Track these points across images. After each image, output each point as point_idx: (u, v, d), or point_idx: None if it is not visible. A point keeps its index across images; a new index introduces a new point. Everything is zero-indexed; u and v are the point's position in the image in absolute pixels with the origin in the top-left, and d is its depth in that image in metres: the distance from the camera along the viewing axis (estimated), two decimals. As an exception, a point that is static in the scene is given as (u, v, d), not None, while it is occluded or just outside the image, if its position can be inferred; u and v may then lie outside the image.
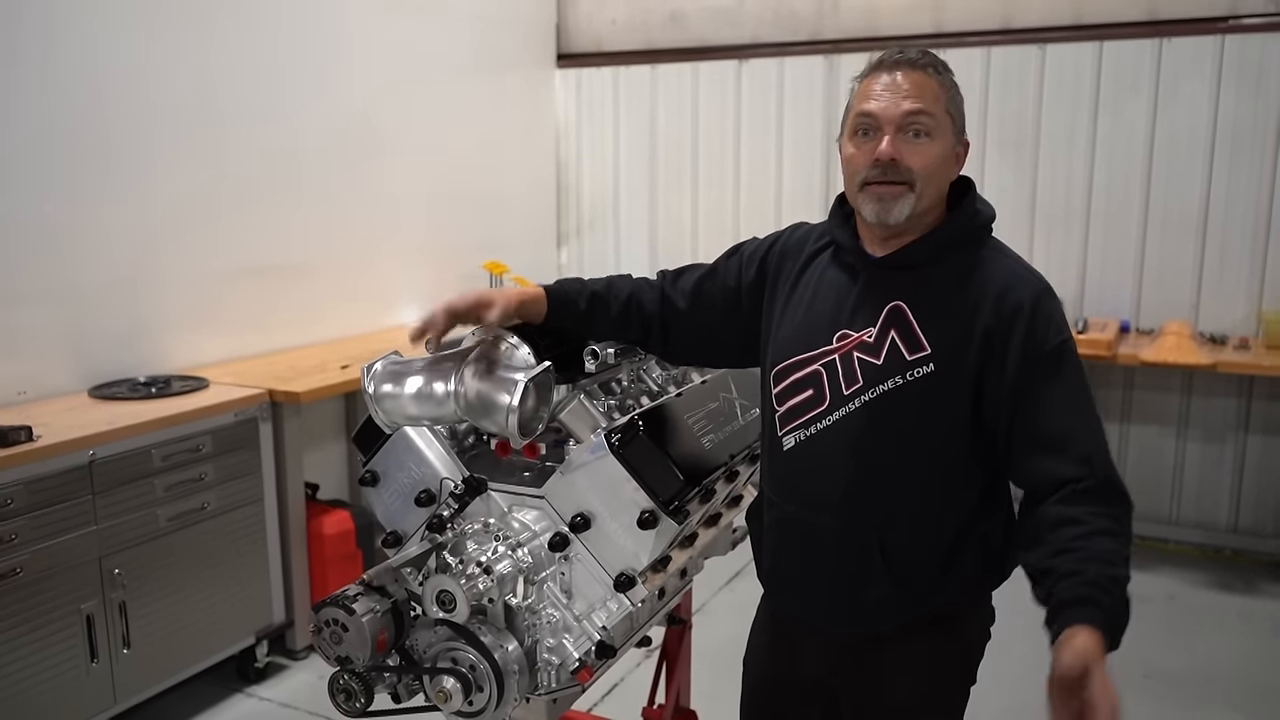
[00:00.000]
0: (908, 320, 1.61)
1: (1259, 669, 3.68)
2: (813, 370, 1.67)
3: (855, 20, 5.20)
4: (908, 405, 1.60)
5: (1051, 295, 1.63)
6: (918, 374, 1.59)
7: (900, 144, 1.57)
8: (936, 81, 1.60)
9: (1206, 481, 4.73)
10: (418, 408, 1.66)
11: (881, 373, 1.61)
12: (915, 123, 1.57)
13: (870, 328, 1.63)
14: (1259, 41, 4.38)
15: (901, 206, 1.59)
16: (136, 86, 3.58)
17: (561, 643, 1.66)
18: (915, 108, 1.57)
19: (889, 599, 1.66)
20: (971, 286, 1.60)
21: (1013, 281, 1.60)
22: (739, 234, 5.55)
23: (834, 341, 1.65)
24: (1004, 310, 1.57)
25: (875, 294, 1.64)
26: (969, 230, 1.66)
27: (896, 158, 1.57)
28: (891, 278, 1.65)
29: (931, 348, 1.59)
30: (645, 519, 1.59)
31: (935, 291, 1.62)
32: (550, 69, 5.93)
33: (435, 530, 1.70)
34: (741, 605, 4.15)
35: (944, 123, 1.60)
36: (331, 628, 1.58)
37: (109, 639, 2.97)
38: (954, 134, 1.62)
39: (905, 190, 1.58)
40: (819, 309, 1.69)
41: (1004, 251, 1.67)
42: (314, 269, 4.36)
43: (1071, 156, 4.76)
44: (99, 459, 2.91)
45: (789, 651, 1.84)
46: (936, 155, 1.59)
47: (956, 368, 1.58)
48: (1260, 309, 4.51)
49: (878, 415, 1.61)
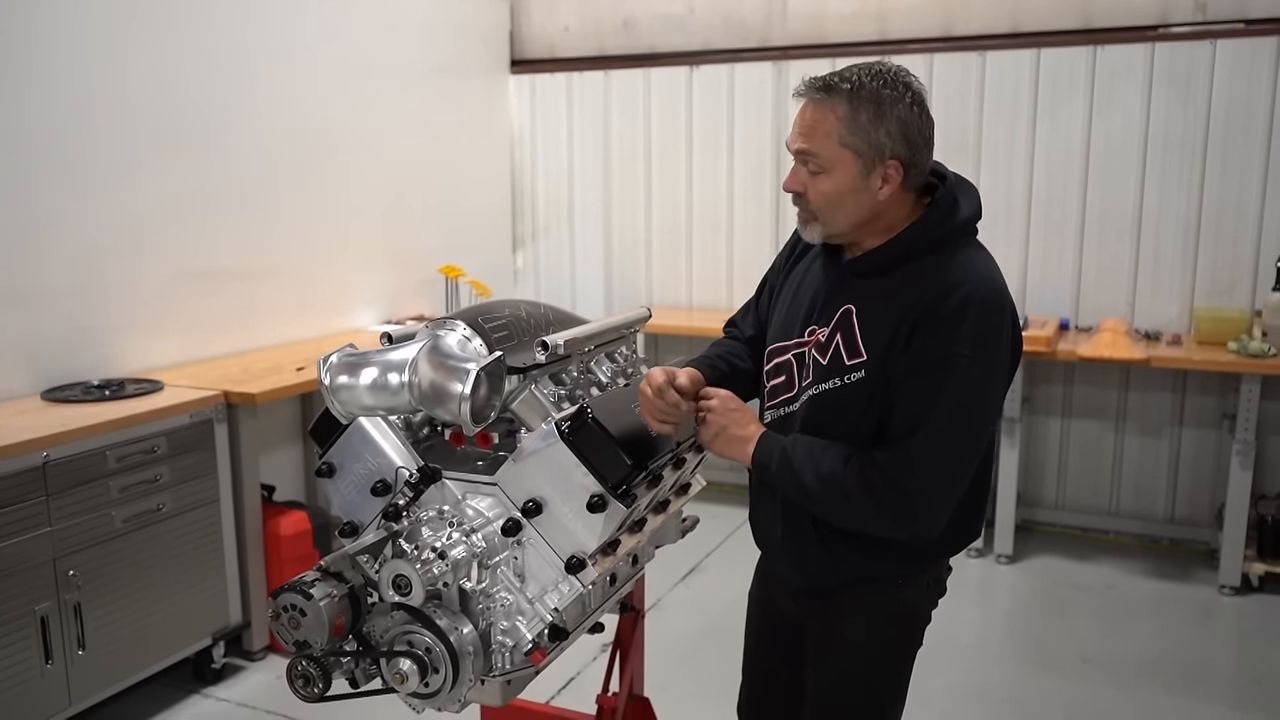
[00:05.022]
0: (852, 326, 1.70)
1: (1192, 652, 3.83)
2: (786, 359, 1.83)
3: (803, 28, 5.31)
4: (840, 405, 1.71)
5: (982, 305, 1.63)
6: (850, 379, 1.70)
7: (803, 176, 1.68)
8: (833, 114, 1.62)
9: (1144, 474, 4.89)
10: (373, 398, 1.70)
11: (825, 373, 1.73)
12: (806, 159, 1.67)
13: (825, 328, 1.75)
14: (1187, 49, 4.55)
15: (812, 231, 1.73)
16: (94, 93, 3.58)
17: (515, 625, 1.71)
18: (801, 147, 1.67)
19: (824, 561, 1.81)
20: (913, 293, 1.65)
21: (949, 288, 1.63)
22: (691, 236, 5.64)
23: (804, 335, 1.79)
24: (930, 314, 1.62)
25: (836, 296, 1.75)
26: (926, 241, 1.69)
27: (798, 190, 1.70)
28: (850, 283, 1.75)
29: (867, 354, 1.68)
30: (594, 503, 1.65)
31: (882, 299, 1.68)
32: (504, 75, 5.98)
33: (391, 519, 1.74)
34: (696, 600, 4.25)
35: (839, 156, 1.63)
36: (290, 613, 1.62)
37: (64, 640, 2.96)
38: (860, 161, 1.63)
39: (811, 218, 1.72)
40: (799, 302, 1.83)
41: (965, 257, 1.70)
42: (269, 273, 4.37)
43: (1012, 161, 4.91)
44: (53, 460, 2.91)
45: (770, 590, 2.06)
46: (832, 189, 1.66)
47: (884, 374, 1.66)
48: (1192, 306, 4.67)
49: (818, 409, 1.74)
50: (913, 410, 1.63)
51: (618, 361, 2.12)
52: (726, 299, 5.58)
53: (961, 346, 1.61)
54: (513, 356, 1.77)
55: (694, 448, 2.05)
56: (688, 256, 5.71)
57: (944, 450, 1.63)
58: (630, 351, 2.20)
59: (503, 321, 1.85)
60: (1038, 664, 3.73)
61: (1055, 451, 5.03)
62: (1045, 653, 3.82)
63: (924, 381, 1.63)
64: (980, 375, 1.63)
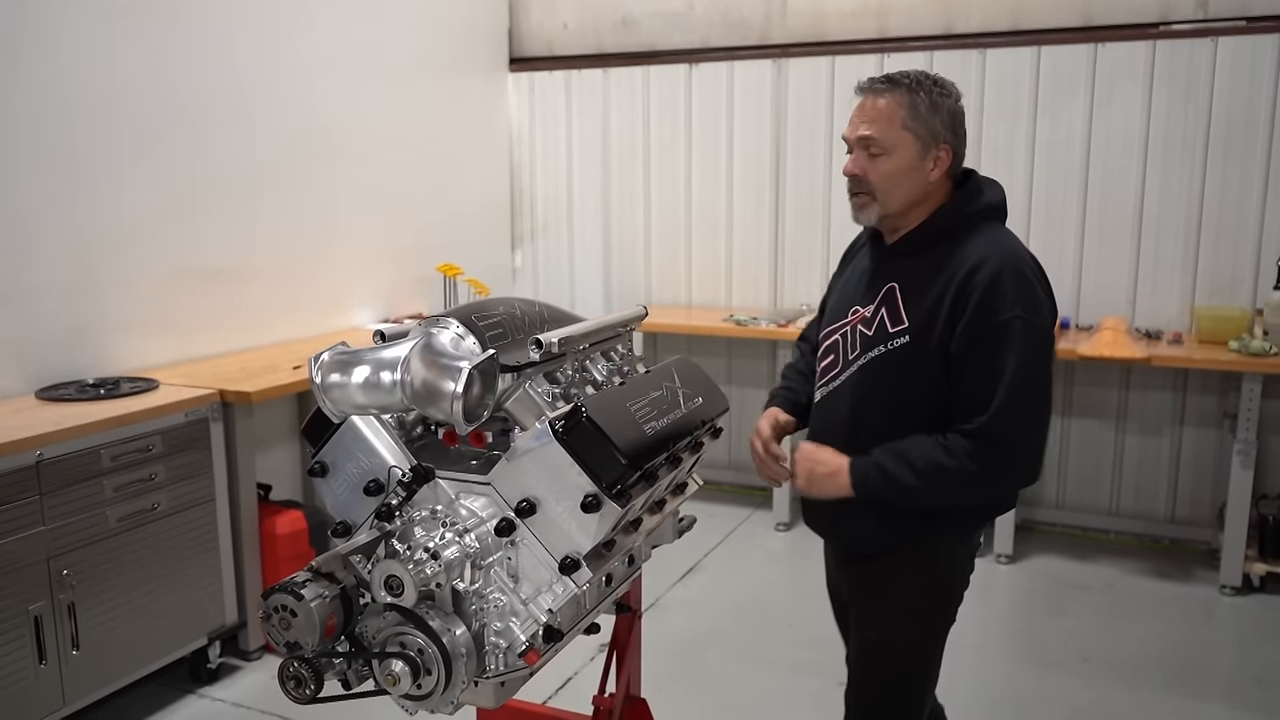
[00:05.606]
0: (896, 299, 1.93)
1: (1192, 652, 3.81)
2: (835, 339, 2.05)
3: (802, 25, 5.29)
4: (887, 370, 1.92)
5: (1013, 271, 1.85)
6: (895, 344, 1.91)
7: (863, 161, 1.92)
8: (896, 101, 1.88)
9: (1145, 473, 4.88)
10: (365, 396, 1.69)
11: (870, 342, 1.94)
12: (869, 143, 1.90)
13: (870, 304, 1.97)
14: (1188, 47, 4.53)
15: (869, 213, 1.95)
16: (91, 90, 3.56)
17: (509, 626, 1.69)
18: (865, 133, 1.91)
19: (872, 525, 2.00)
20: (949, 268, 1.88)
21: (980, 260, 1.85)
22: (691, 235, 5.63)
23: (849, 315, 2.02)
24: (967, 285, 1.84)
25: (879, 276, 1.99)
26: (956, 218, 1.94)
27: (858, 173, 1.92)
28: (893, 262, 1.98)
29: (909, 322, 1.90)
30: (589, 502, 1.63)
31: (921, 274, 1.91)
32: (503, 73, 5.96)
33: (384, 518, 1.72)
34: (694, 600, 4.23)
35: (900, 138, 1.89)
36: (280, 613, 1.60)
37: (57, 640, 2.95)
38: (919, 144, 1.89)
39: (868, 199, 1.93)
40: (848, 291, 2.07)
41: (990, 232, 1.93)
42: (266, 271, 4.35)
43: (1012, 159, 4.89)
44: (46, 459, 2.89)
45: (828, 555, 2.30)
46: (893, 168, 1.90)
47: (926, 339, 1.88)
48: (1193, 305, 4.66)
49: (867, 376, 1.95)
50: (987, 375, 1.83)
51: (613, 360, 2.10)
52: (725, 297, 5.57)
53: (1011, 309, 1.83)
54: (507, 355, 1.75)
55: (689, 448, 2.03)
56: (687, 255, 5.69)
57: (1027, 398, 1.84)
58: (626, 350, 2.18)
59: (497, 319, 1.83)
60: (1038, 664, 3.72)
61: (1056, 451, 5.01)
62: (1045, 652, 3.80)
63: (987, 349, 1.83)
64: (1035, 329, 1.85)
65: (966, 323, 1.84)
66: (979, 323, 1.83)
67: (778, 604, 4.25)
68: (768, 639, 3.90)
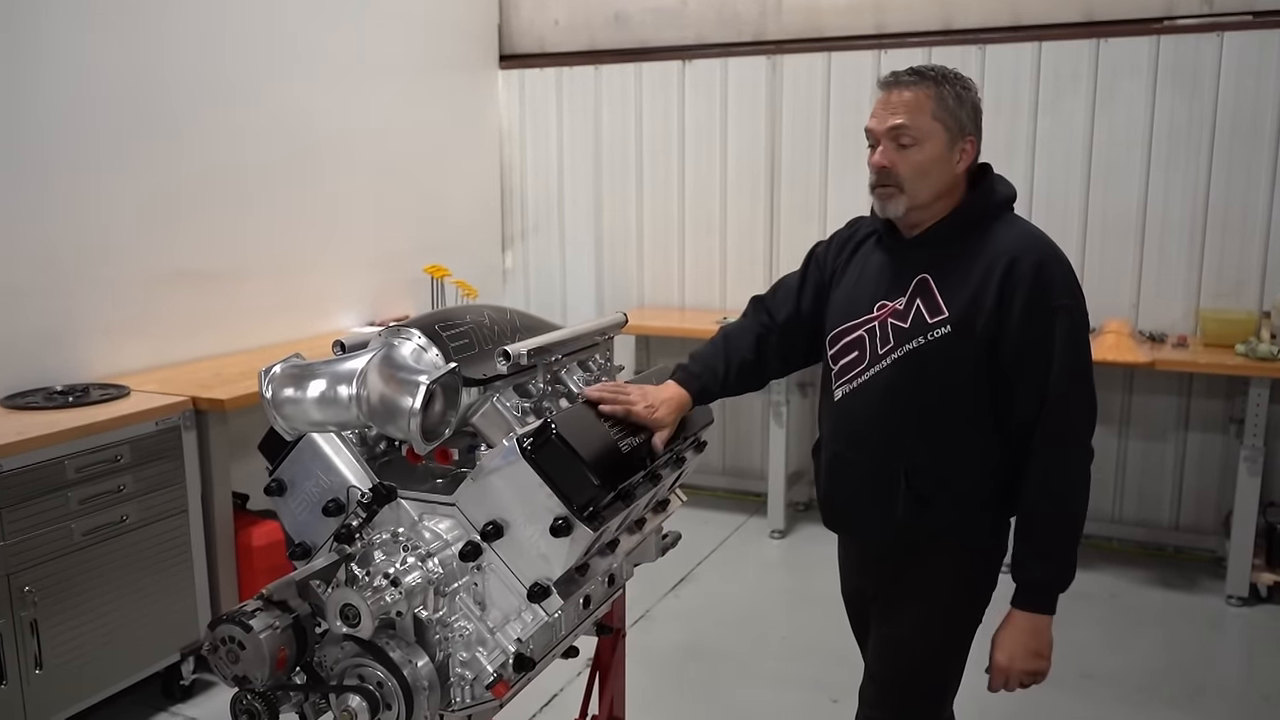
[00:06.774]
0: (931, 290, 1.90)
1: (1197, 665, 3.70)
2: (858, 335, 2.00)
3: (798, 21, 5.19)
4: (928, 361, 1.89)
5: (1055, 260, 1.88)
6: (936, 334, 1.88)
7: (892, 153, 1.88)
8: (924, 93, 1.88)
9: (1149, 480, 4.77)
10: (321, 413, 1.59)
11: (908, 334, 1.91)
12: (900, 134, 1.87)
13: (901, 297, 1.93)
14: (1193, 42, 4.42)
15: (896, 204, 1.91)
16: (68, 89, 3.45)
17: (475, 656, 1.59)
18: (897, 122, 1.87)
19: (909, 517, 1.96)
20: (985, 256, 1.88)
21: (1020, 250, 1.86)
22: (684, 234, 5.53)
23: (874, 310, 1.97)
24: (1012, 274, 1.84)
25: (906, 270, 1.95)
26: (983, 209, 1.94)
27: (887, 165, 1.89)
28: (919, 255, 1.95)
29: (949, 311, 1.87)
30: (559, 526, 1.53)
31: (955, 264, 1.90)
32: (493, 70, 5.85)
33: (343, 541, 1.62)
34: (686, 612, 4.12)
35: (931, 129, 1.87)
36: (228, 645, 1.50)
37: (19, 659, 2.83)
38: (948, 135, 1.88)
39: (896, 191, 1.90)
40: (864, 285, 2.02)
41: (1018, 224, 1.95)
42: (246, 274, 4.24)
43: (1012, 158, 4.77)
44: (6, 471, 2.78)
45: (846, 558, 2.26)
46: (922, 160, 1.87)
47: (969, 328, 1.86)
48: (1198, 307, 4.55)
49: (904, 369, 1.91)
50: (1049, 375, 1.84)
51: (591, 370, 1.99)
52: (720, 299, 5.46)
53: (1059, 299, 1.84)
54: (473, 367, 1.65)
55: (671, 463, 1.93)
56: (680, 255, 5.58)
57: (1085, 385, 1.88)
58: (605, 359, 2.07)
59: (463, 329, 1.73)
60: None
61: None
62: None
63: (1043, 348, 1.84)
64: (1081, 316, 1.89)
65: (1020, 314, 1.84)
66: (1030, 325, 1.84)
67: (772, 615, 4.13)
68: (761, 652, 3.79)
